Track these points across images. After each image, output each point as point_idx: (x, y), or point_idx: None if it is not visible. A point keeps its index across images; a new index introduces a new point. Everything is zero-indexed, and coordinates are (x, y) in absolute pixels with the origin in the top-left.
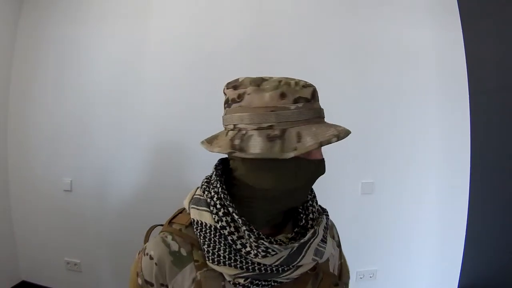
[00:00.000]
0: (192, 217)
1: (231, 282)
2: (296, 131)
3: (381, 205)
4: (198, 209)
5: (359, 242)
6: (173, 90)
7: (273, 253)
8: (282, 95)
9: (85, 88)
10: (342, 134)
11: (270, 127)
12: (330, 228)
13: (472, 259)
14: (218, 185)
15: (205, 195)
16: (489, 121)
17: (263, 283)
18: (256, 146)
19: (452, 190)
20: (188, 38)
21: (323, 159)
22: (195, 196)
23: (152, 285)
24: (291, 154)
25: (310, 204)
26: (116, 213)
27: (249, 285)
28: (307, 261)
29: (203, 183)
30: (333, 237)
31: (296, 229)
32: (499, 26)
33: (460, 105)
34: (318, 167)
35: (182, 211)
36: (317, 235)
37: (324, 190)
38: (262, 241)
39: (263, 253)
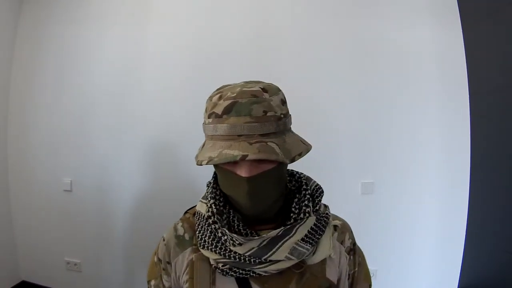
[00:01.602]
0: (196, 208)
1: (213, 266)
2: (209, 144)
3: (381, 205)
4: (201, 201)
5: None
6: (172, 91)
7: (237, 242)
8: (206, 109)
9: (85, 88)
10: (220, 158)
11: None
12: (340, 233)
13: (472, 259)
14: (212, 181)
15: (207, 189)
16: (489, 121)
17: (241, 271)
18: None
19: (452, 190)
20: (188, 39)
21: (246, 177)
22: (206, 192)
23: (161, 262)
24: (196, 162)
25: (305, 204)
26: (116, 213)
27: (228, 271)
28: (279, 257)
29: (209, 181)
30: (341, 242)
31: (282, 227)
32: (499, 26)
33: (460, 105)
34: (239, 183)
35: None
36: (294, 233)
37: (324, 190)
38: (224, 229)
39: (231, 241)
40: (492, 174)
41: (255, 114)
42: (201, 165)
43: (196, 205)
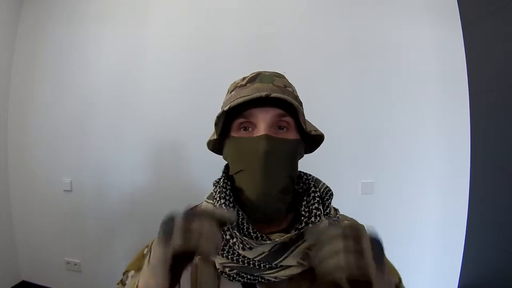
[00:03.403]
0: (202, 207)
1: (219, 270)
2: (226, 105)
3: (381, 205)
4: (206, 201)
5: None
6: (172, 90)
7: (248, 246)
8: (228, 91)
9: (85, 88)
10: (244, 98)
11: None
12: None
13: (472, 259)
14: (221, 179)
15: (214, 189)
16: (489, 121)
17: (249, 276)
18: None
19: (452, 190)
20: (187, 39)
21: (265, 134)
22: (211, 191)
23: None
24: (216, 118)
25: (315, 207)
26: (116, 213)
27: (235, 276)
28: (290, 263)
29: (216, 180)
30: None
31: (293, 231)
32: (499, 26)
33: (460, 105)
34: (255, 146)
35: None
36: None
37: None
38: (235, 231)
39: (241, 245)
40: (492, 174)
41: (277, 84)
42: (220, 123)
43: (198, 204)
